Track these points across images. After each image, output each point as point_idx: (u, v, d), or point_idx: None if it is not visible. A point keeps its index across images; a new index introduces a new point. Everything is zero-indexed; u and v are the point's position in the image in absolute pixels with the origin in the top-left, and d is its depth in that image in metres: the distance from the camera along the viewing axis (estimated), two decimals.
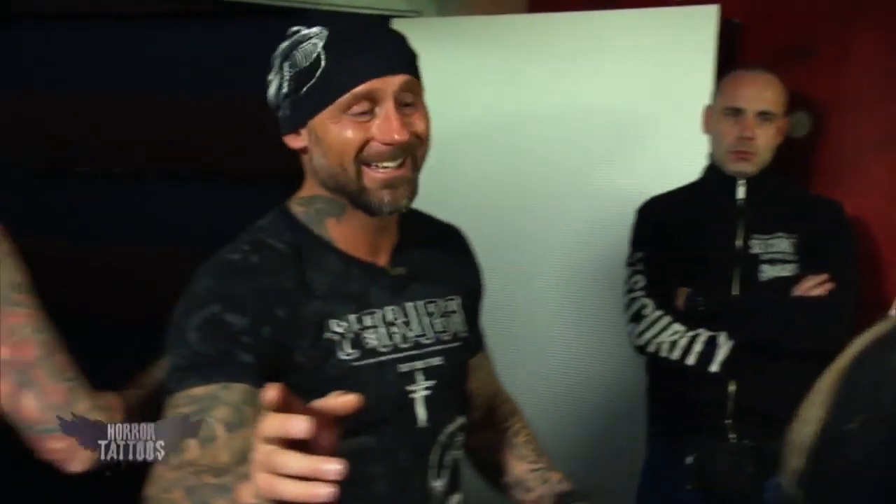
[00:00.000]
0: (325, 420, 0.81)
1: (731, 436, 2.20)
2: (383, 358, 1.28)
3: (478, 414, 1.57)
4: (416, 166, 1.28)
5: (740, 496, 2.17)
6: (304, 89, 1.23)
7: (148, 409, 1.48)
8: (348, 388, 1.19)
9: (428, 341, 1.35)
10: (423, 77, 1.30)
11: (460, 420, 1.40)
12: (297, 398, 0.82)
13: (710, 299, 2.21)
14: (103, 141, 3.04)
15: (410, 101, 1.25)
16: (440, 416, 1.34)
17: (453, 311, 1.43)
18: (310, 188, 1.33)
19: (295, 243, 1.28)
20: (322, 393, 1.22)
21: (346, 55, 1.21)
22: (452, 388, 1.39)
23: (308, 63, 1.22)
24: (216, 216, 3.08)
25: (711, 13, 2.61)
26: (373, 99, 1.22)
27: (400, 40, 1.28)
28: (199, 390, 1.14)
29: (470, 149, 2.90)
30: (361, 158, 1.23)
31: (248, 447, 1.11)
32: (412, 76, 1.26)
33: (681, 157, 2.55)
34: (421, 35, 1.27)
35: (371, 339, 1.27)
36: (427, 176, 1.32)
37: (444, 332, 1.38)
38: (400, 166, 1.25)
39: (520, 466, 1.54)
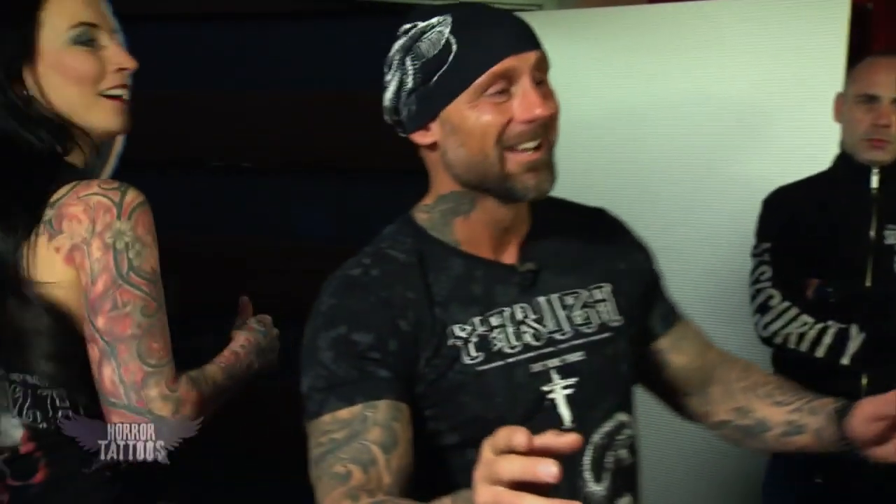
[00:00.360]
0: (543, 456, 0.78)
1: None
2: (511, 360, 1.22)
3: (704, 388, 1.46)
4: (552, 149, 1.22)
5: (871, 491, 2.12)
6: (435, 78, 1.18)
7: (225, 397, 1.44)
8: (474, 393, 1.19)
9: (564, 336, 1.27)
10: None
11: (621, 417, 1.29)
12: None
13: (841, 291, 2.16)
14: (233, 136, 3.16)
15: (542, 79, 1.21)
16: (590, 414, 1.25)
17: (601, 300, 1.33)
18: (437, 190, 1.29)
19: (416, 250, 1.26)
20: (450, 402, 1.21)
21: (477, 36, 1.17)
22: (603, 384, 1.28)
23: (437, 51, 1.18)
24: (345, 209, 3.17)
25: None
26: (509, 77, 1.17)
27: (523, 21, 1.23)
28: (345, 413, 1.13)
29: (592, 142, 2.90)
30: (503, 143, 1.18)
31: (404, 465, 1.12)
32: (543, 53, 1.21)
33: (809, 147, 2.49)
34: (541, 28, 1.25)
35: (498, 340, 1.22)
36: None
37: (587, 324, 1.29)
38: (538, 148, 1.19)
39: (780, 413, 1.38)
